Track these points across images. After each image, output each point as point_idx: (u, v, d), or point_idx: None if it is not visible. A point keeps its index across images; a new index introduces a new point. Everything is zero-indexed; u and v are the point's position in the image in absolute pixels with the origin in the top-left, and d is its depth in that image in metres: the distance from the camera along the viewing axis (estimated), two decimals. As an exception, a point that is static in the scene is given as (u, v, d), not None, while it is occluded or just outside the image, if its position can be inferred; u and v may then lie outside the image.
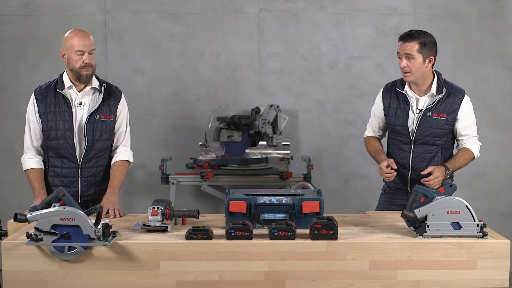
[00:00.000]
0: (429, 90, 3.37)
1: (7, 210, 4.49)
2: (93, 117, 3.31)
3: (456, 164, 3.34)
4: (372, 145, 3.56)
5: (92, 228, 2.54)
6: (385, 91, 3.50)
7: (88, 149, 3.32)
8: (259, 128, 4.75)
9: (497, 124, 5.19)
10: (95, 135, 3.32)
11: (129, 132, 3.48)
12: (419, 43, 3.25)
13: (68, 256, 2.56)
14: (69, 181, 3.34)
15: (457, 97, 3.38)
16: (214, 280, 2.58)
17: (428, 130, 3.36)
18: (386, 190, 3.61)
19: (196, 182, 4.78)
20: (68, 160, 3.32)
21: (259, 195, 2.87)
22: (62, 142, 3.29)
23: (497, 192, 5.23)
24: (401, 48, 3.28)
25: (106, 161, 3.42)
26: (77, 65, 3.25)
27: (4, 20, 5.10)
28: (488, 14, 5.12)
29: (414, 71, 3.28)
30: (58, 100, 3.31)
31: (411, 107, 3.38)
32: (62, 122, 3.29)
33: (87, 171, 3.34)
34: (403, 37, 3.29)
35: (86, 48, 3.24)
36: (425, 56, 3.27)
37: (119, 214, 3.18)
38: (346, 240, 2.63)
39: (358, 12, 5.14)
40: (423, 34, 3.28)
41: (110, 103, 3.37)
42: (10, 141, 5.14)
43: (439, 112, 3.35)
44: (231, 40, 5.18)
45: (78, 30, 3.31)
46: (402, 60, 3.28)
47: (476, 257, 2.60)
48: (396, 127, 3.43)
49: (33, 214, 2.56)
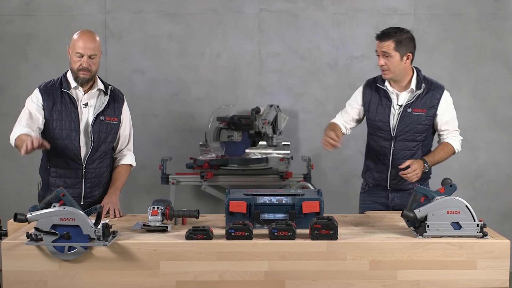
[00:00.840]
0: (408, 86, 3.39)
1: (7, 210, 4.49)
2: (99, 118, 3.28)
3: (435, 158, 3.35)
4: (330, 125, 3.49)
5: (92, 228, 2.54)
6: (366, 86, 3.51)
7: (93, 150, 3.28)
8: (259, 128, 4.75)
9: (497, 124, 5.20)
10: (100, 136, 3.29)
11: (132, 136, 3.49)
12: (395, 41, 3.27)
13: (68, 256, 2.56)
14: (72, 182, 3.30)
15: (437, 92, 3.39)
16: (214, 280, 2.58)
17: (408, 125, 3.37)
18: (365, 189, 3.62)
19: (196, 182, 4.78)
20: (72, 161, 3.28)
21: (259, 195, 2.87)
22: (68, 143, 3.25)
23: (497, 192, 5.23)
24: (378, 47, 3.31)
25: (109, 162, 3.41)
26: (75, 66, 3.22)
27: (4, 20, 5.10)
28: (488, 14, 5.12)
29: (392, 68, 3.30)
30: (64, 100, 3.26)
31: (392, 103, 3.40)
32: (68, 122, 3.24)
33: (90, 172, 3.31)
34: (379, 36, 3.32)
35: (86, 51, 3.18)
36: (402, 53, 3.29)
37: (119, 214, 3.18)
38: (346, 240, 2.63)
39: (358, 12, 5.14)
40: (399, 32, 3.30)
41: (115, 106, 3.35)
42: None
43: (419, 107, 3.36)
44: (231, 40, 5.18)
45: (85, 32, 3.24)
46: (380, 59, 3.31)
47: (476, 257, 2.60)
48: (377, 123, 3.44)
49: (33, 214, 2.56)
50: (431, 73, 5.10)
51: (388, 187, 3.48)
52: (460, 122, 5.13)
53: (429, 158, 3.33)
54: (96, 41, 3.22)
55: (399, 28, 3.33)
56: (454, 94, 5.12)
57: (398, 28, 3.32)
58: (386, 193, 3.51)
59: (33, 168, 5.14)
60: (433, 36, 5.15)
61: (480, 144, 5.21)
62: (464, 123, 5.17)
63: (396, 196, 3.49)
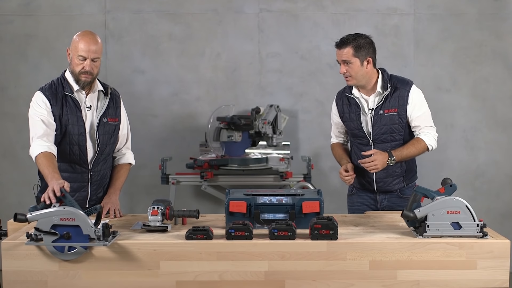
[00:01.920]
0: (375, 89, 3.39)
1: (7, 210, 4.50)
2: (102, 120, 3.23)
3: (403, 152, 3.33)
4: (336, 152, 3.63)
5: (92, 228, 2.54)
6: (337, 98, 3.56)
7: (99, 153, 3.24)
8: (259, 128, 4.75)
9: (497, 124, 5.20)
10: (105, 138, 3.25)
11: (130, 134, 3.46)
12: (353, 47, 3.28)
13: (68, 256, 2.56)
14: (78, 186, 3.24)
15: (404, 89, 3.38)
16: (214, 280, 2.58)
17: (383, 127, 3.37)
18: (352, 191, 3.62)
19: (196, 182, 4.78)
20: (79, 165, 3.22)
21: (259, 195, 2.87)
22: (75, 148, 3.18)
23: (497, 192, 5.23)
24: (338, 55, 3.33)
25: (110, 163, 3.39)
26: (76, 69, 3.11)
27: (4, 20, 5.10)
28: (488, 14, 5.12)
29: (354, 74, 3.32)
30: (69, 103, 3.16)
31: (361, 109, 3.41)
32: (77, 127, 3.17)
33: (96, 175, 3.28)
34: (338, 44, 3.33)
35: (89, 54, 3.07)
36: (361, 58, 3.30)
37: (119, 215, 3.18)
38: (346, 240, 2.63)
39: (358, 12, 5.14)
40: (357, 38, 3.31)
41: (115, 105, 3.30)
42: (10, 141, 5.15)
43: (389, 108, 3.36)
44: (231, 40, 5.18)
45: (87, 34, 3.12)
46: (341, 67, 3.33)
47: (476, 257, 2.60)
48: (354, 131, 3.47)
49: (33, 214, 2.56)
50: (431, 73, 5.17)
51: (376, 190, 3.49)
52: (460, 122, 5.20)
53: (396, 153, 3.31)
54: (99, 43, 3.12)
55: (357, 34, 3.34)
56: (454, 94, 5.18)
57: (356, 34, 3.33)
58: (374, 195, 3.52)
59: (33, 168, 5.14)
60: (433, 36, 5.15)
61: (480, 144, 5.21)
62: (464, 123, 5.20)
63: (384, 198, 3.50)
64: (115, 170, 3.40)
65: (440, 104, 5.03)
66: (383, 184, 3.46)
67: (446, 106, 5.14)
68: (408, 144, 3.36)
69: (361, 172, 3.46)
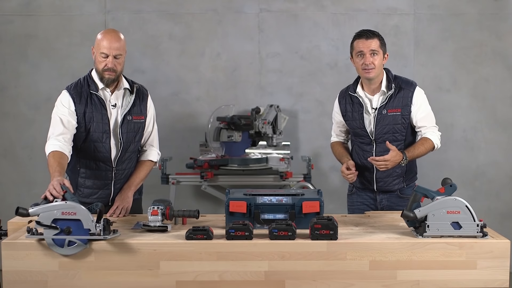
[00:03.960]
0: (379, 88, 3.40)
1: (7, 210, 4.48)
2: (126, 118, 3.24)
3: (414, 152, 3.34)
4: (337, 150, 3.62)
5: (93, 222, 2.54)
6: (340, 97, 3.56)
7: (123, 151, 3.24)
8: (259, 128, 4.75)
9: (497, 124, 5.20)
10: (129, 137, 3.25)
11: (157, 131, 3.44)
12: (379, 39, 3.34)
13: (67, 250, 2.55)
14: (102, 183, 3.26)
15: (408, 90, 3.39)
16: (214, 280, 2.58)
17: (386, 127, 3.38)
18: (352, 191, 3.63)
19: (196, 182, 4.78)
20: (103, 163, 3.23)
21: (259, 195, 2.87)
22: (98, 145, 3.19)
23: (497, 192, 5.23)
24: (365, 46, 3.32)
25: (135, 161, 3.37)
26: (100, 66, 3.13)
27: (4, 20, 5.10)
28: (488, 14, 5.12)
29: (378, 66, 3.34)
30: (94, 101, 3.18)
31: (365, 108, 3.42)
32: (99, 124, 3.18)
33: (120, 173, 3.28)
34: (366, 34, 3.34)
35: (111, 51, 3.09)
36: (384, 51, 3.36)
37: (122, 214, 3.16)
38: (346, 240, 2.63)
39: (358, 12, 5.14)
40: (376, 32, 3.38)
41: (141, 103, 3.30)
42: (10, 141, 5.14)
43: (393, 108, 3.37)
44: (231, 40, 5.18)
45: (109, 31, 3.17)
46: (366, 57, 3.32)
47: (476, 257, 2.60)
48: (356, 130, 3.47)
49: (35, 208, 2.56)
50: (431, 73, 5.17)
51: (375, 189, 3.49)
52: (460, 122, 5.20)
53: (409, 153, 3.32)
54: (121, 40, 3.14)
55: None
56: (454, 94, 5.18)
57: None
58: (374, 195, 3.52)
59: (33, 168, 5.17)
60: (433, 36, 5.15)
61: (480, 144, 5.21)
62: (464, 123, 5.20)
63: (384, 197, 3.50)
64: (137, 166, 3.36)
65: (440, 104, 5.03)
66: (383, 184, 3.46)
67: (446, 106, 5.14)
68: (418, 144, 3.37)
69: (361, 171, 3.47)
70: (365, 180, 3.51)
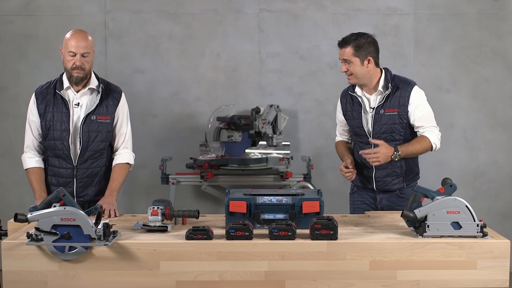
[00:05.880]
0: (377, 88, 3.41)
1: (7, 210, 4.50)
2: (89, 118, 3.30)
3: (409, 148, 3.34)
4: (340, 150, 3.66)
5: (93, 228, 2.54)
6: (342, 96, 3.59)
7: (83, 150, 3.31)
8: (259, 128, 4.75)
9: (497, 124, 5.20)
10: (90, 136, 3.31)
11: (130, 133, 3.47)
12: (353, 47, 3.32)
13: (68, 256, 2.56)
14: (64, 181, 3.34)
15: (406, 89, 3.40)
16: (214, 280, 2.58)
17: (383, 127, 3.39)
18: (353, 190, 3.65)
19: (196, 182, 4.78)
20: (64, 161, 3.33)
21: (259, 195, 2.87)
22: (59, 143, 3.30)
23: (497, 192, 5.23)
24: (340, 54, 3.38)
25: (104, 162, 3.41)
26: (68, 65, 3.26)
27: (4, 20, 5.10)
28: (488, 14, 5.12)
29: (355, 73, 3.36)
30: (57, 101, 3.31)
31: (363, 107, 3.43)
32: (60, 123, 3.29)
33: (82, 172, 3.34)
34: (339, 43, 3.39)
35: (78, 50, 3.22)
36: (362, 58, 3.34)
37: (114, 214, 3.17)
38: (346, 240, 2.63)
39: (358, 12, 5.14)
40: (359, 37, 3.34)
41: (108, 103, 3.35)
42: (10, 141, 5.14)
43: (390, 107, 3.38)
44: (231, 40, 5.18)
45: (77, 31, 3.29)
46: (342, 66, 3.38)
47: (476, 257, 2.60)
48: (355, 129, 3.50)
49: (34, 214, 2.56)
50: (431, 73, 5.17)
51: (375, 189, 3.50)
52: (460, 122, 5.20)
53: (402, 148, 3.32)
54: (88, 40, 3.27)
55: (360, 34, 3.37)
56: (454, 94, 5.18)
57: (358, 34, 3.37)
58: (374, 194, 3.53)
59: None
60: (433, 36, 5.15)
61: (480, 144, 5.21)
62: (464, 123, 5.20)
63: (384, 197, 3.50)
64: (112, 171, 3.41)
65: (440, 104, 5.02)
66: (382, 183, 3.46)
67: (446, 106, 5.14)
68: (414, 141, 3.37)
69: (361, 170, 3.47)
70: (364, 179, 3.52)
